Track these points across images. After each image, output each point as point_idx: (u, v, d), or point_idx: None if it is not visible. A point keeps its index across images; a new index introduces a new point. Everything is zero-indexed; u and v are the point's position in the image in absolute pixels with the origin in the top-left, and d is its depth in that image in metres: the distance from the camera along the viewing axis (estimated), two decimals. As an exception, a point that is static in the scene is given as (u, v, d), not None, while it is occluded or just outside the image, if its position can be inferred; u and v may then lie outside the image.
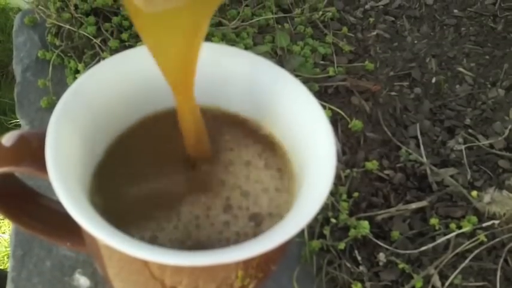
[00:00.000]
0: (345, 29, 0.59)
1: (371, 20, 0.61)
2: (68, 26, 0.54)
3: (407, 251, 0.41)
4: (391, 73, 0.55)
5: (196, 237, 0.28)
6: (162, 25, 0.24)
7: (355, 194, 0.44)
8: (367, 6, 0.62)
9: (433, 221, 0.42)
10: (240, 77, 0.31)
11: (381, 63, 0.56)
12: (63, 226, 0.31)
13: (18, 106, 0.50)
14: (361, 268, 0.40)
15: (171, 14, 0.23)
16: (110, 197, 0.29)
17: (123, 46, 0.53)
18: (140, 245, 0.23)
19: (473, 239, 0.41)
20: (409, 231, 0.42)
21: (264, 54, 0.54)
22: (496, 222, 0.42)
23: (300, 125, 0.30)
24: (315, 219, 0.29)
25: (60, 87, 0.51)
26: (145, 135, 0.32)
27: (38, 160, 0.25)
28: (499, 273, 0.40)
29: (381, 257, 0.40)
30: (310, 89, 0.30)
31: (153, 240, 0.27)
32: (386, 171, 0.46)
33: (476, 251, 0.41)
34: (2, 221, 1.01)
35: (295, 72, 0.52)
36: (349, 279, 0.39)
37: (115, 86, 0.30)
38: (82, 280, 0.39)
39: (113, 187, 0.29)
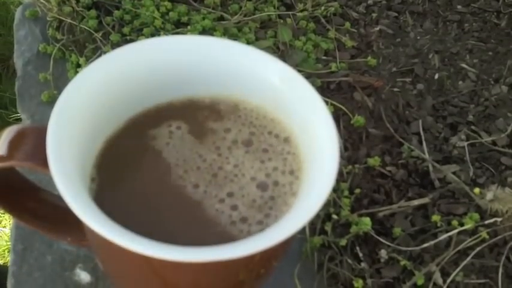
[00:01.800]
0: (347, 24, 0.58)
1: (374, 15, 0.60)
2: (69, 20, 0.54)
3: (409, 248, 0.41)
4: (394, 69, 0.55)
5: (202, 227, 0.28)
6: None
7: (357, 191, 0.43)
8: (370, 2, 0.62)
9: (435, 217, 0.42)
10: (242, 71, 0.31)
11: (383, 59, 0.56)
12: (64, 221, 0.31)
13: (19, 100, 0.50)
14: (363, 265, 0.40)
15: None
16: (110, 190, 0.29)
17: (125, 40, 0.53)
18: (141, 241, 0.23)
19: (475, 236, 0.41)
20: (411, 228, 0.42)
21: (266, 49, 0.53)
22: (498, 219, 0.42)
23: (302, 120, 0.30)
24: (317, 215, 0.29)
25: (61, 81, 0.51)
26: (147, 127, 0.31)
27: (39, 155, 0.25)
28: (500, 271, 0.40)
29: (383, 253, 0.40)
30: (313, 84, 0.29)
31: (153, 234, 0.27)
32: (388, 168, 0.46)
33: (478, 248, 0.41)
34: (3, 215, 1.01)
35: (298, 67, 0.52)
36: (351, 276, 0.39)
37: (116, 79, 0.30)
38: (83, 275, 0.39)
39: (113, 180, 0.29)
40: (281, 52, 0.54)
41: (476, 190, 0.44)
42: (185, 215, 0.28)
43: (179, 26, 0.55)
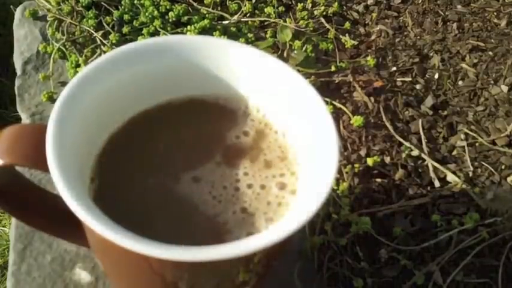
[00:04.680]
0: (347, 24, 0.58)
1: (374, 15, 0.60)
2: (69, 20, 0.54)
3: (409, 248, 0.41)
4: (394, 68, 0.55)
5: (201, 227, 0.28)
6: None
7: (357, 190, 0.43)
8: (370, 1, 0.62)
9: (435, 217, 0.42)
10: (242, 71, 0.31)
11: (383, 58, 0.56)
12: (63, 221, 0.31)
13: (18, 100, 0.50)
14: (363, 264, 0.40)
15: None
16: (110, 190, 0.29)
17: (124, 40, 0.53)
18: (141, 241, 0.23)
19: (475, 236, 0.41)
20: (411, 227, 0.42)
21: (266, 49, 0.53)
22: (498, 219, 0.42)
23: (302, 120, 0.30)
24: (316, 214, 0.29)
25: (61, 81, 0.51)
26: (148, 127, 0.31)
27: (38, 154, 0.25)
28: (501, 270, 0.40)
29: (383, 253, 0.40)
30: (313, 84, 0.29)
31: (152, 234, 0.27)
32: (388, 167, 0.46)
33: (478, 248, 0.41)
34: (3, 215, 1.01)
35: (298, 67, 0.52)
36: (351, 275, 0.39)
37: (116, 80, 0.30)
38: (83, 275, 0.39)
39: (113, 180, 0.29)
40: (281, 52, 0.54)
41: (476, 190, 0.44)
42: (183, 215, 0.28)
43: (179, 26, 0.55)
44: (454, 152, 0.48)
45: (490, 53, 0.57)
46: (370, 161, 0.45)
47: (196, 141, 0.31)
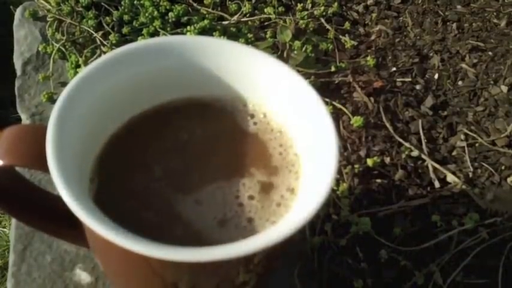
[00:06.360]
0: (347, 24, 0.58)
1: (373, 15, 0.60)
2: (68, 20, 0.54)
3: (409, 248, 0.41)
4: (394, 69, 0.55)
5: (200, 227, 0.28)
6: None
7: (357, 191, 0.43)
8: (369, 2, 0.62)
9: (435, 218, 0.42)
10: (242, 71, 0.31)
11: (383, 59, 0.56)
12: (63, 221, 0.31)
13: (18, 100, 0.50)
14: (363, 265, 0.40)
15: None
16: (109, 190, 0.29)
17: (124, 40, 0.53)
18: (140, 241, 0.23)
19: (475, 236, 0.41)
20: (411, 228, 0.42)
21: (266, 50, 0.53)
22: (498, 219, 0.42)
23: (302, 121, 0.30)
24: (316, 215, 0.29)
25: (61, 81, 0.51)
26: (148, 127, 0.31)
27: (38, 155, 0.25)
28: (501, 271, 0.40)
29: (383, 253, 0.40)
30: (312, 84, 0.29)
31: (152, 234, 0.27)
32: (388, 168, 0.46)
33: (478, 248, 0.41)
34: (3, 215, 1.01)
35: (297, 67, 0.52)
36: (351, 276, 0.39)
37: (116, 80, 0.30)
38: (83, 275, 0.39)
39: (113, 181, 0.29)
40: (281, 52, 0.54)
41: (476, 190, 0.44)
42: (183, 216, 0.28)
43: (178, 26, 0.55)
44: (454, 153, 0.48)
45: (490, 53, 0.57)
46: (370, 162, 0.45)
47: (197, 142, 0.31)
